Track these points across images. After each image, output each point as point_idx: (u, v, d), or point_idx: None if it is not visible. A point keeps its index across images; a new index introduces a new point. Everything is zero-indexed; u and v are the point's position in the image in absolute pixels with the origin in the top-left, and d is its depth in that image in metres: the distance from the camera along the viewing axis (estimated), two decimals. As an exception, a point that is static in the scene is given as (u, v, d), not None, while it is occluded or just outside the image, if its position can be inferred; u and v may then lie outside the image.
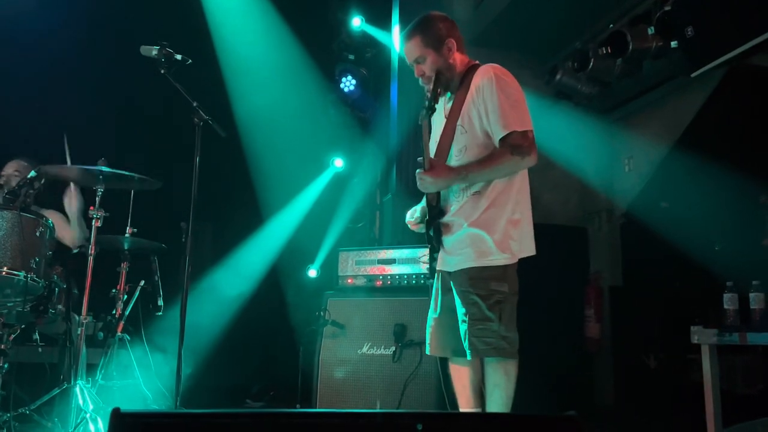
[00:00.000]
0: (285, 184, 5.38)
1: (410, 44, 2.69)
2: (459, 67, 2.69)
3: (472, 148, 2.60)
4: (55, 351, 3.57)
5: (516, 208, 2.60)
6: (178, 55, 3.45)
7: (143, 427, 1.25)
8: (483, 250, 2.54)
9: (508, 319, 2.53)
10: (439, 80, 2.61)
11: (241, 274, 5.08)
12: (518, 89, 2.60)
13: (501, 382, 2.54)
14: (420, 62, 2.68)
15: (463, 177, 2.56)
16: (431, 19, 2.72)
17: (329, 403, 3.85)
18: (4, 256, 3.01)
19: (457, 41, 2.69)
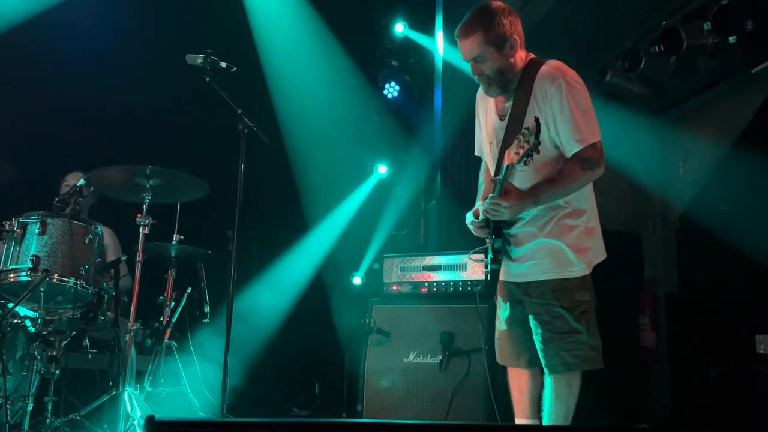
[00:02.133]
0: (329, 191, 5.36)
1: (470, 41, 2.45)
2: (522, 64, 2.50)
3: (537, 158, 2.38)
4: (104, 357, 3.62)
5: (590, 216, 2.53)
6: (222, 63, 3.49)
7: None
8: (562, 261, 2.46)
9: (594, 328, 2.47)
10: (499, 81, 2.47)
11: (287, 281, 5.08)
12: (587, 94, 2.46)
13: (563, 394, 2.45)
14: (479, 61, 2.47)
15: (534, 201, 2.41)
16: (494, 13, 2.46)
17: (376, 413, 3.79)
18: (55, 263, 3.07)
19: (520, 37, 2.49)
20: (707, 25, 4.23)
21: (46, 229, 3.06)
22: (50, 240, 3.06)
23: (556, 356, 2.43)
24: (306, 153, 5.32)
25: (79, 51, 4.56)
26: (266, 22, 5.39)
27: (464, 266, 4.00)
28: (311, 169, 5.30)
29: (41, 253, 3.02)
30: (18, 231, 3.05)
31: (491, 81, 2.50)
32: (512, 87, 2.52)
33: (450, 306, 3.89)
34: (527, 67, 2.50)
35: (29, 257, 2.99)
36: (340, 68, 5.51)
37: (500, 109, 2.60)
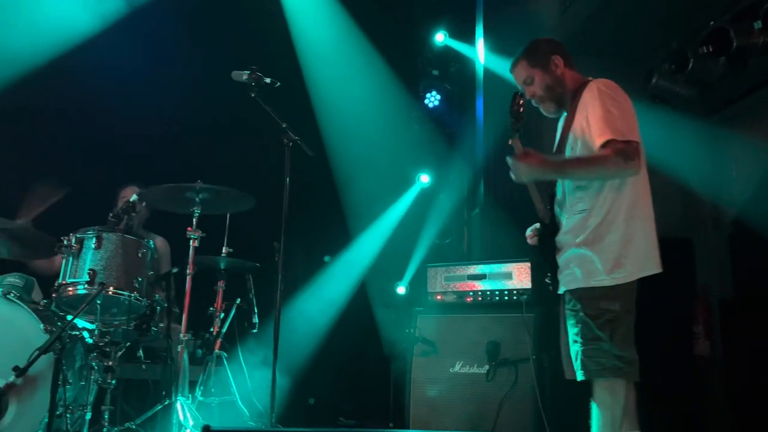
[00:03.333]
0: (372, 202, 5.39)
1: (517, 69, 2.79)
2: (570, 83, 2.71)
3: None
4: (158, 368, 3.71)
5: (629, 226, 2.51)
6: (267, 79, 3.56)
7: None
8: (590, 271, 2.50)
9: (621, 339, 2.45)
10: (550, 96, 2.69)
11: (332, 291, 5.13)
12: (622, 101, 2.56)
13: (607, 402, 2.45)
14: (529, 83, 2.74)
15: (559, 169, 2.55)
16: (534, 42, 2.81)
17: (423, 423, 3.78)
18: (110, 276, 3.17)
19: (563, 57, 2.74)
20: (758, 24, 4.10)
21: (102, 243, 3.17)
22: (105, 254, 3.17)
23: (579, 362, 2.49)
24: (349, 164, 5.37)
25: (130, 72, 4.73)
26: (308, 37, 5.48)
27: (509, 275, 3.97)
28: (354, 179, 5.35)
29: (97, 267, 3.13)
30: (75, 246, 3.17)
31: (543, 98, 2.74)
32: (566, 103, 2.72)
33: (495, 315, 3.86)
34: (579, 87, 2.67)
35: (86, 271, 3.10)
36: (380, 79, 5.56)
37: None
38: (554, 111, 2.77)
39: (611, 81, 2.63)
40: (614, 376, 2.44)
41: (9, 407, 2.81)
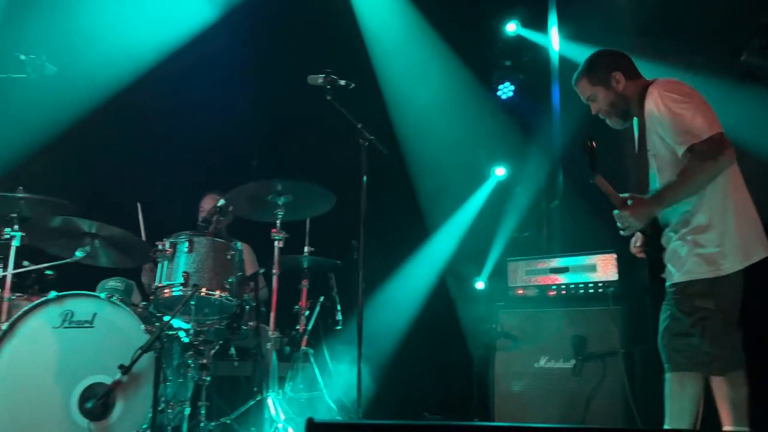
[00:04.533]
0: (448, 197, 5.38)
1: (579, 87, 2.86)
2: (632, 94, 2.74)
3: (664, 169, 2.62)
4: (248, 365, 3.87)
5: (725, 218, 2.51)
6: (341, 81, 3.63)
7: (333, 437, 1.29)
8: (686, 266, 2.53)
9: (712, 336, 2.46)
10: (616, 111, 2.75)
11: (412, 287, 5.16)
12: (688, 97, 2.55)
13: (675, 393, 2.50)
14: (593, 100, 2.81)
15: (660, 203, 2.56)
16: (594, 58, 2.85)
17: (508, 418, 3.76)
18: (202, 278, 3.32)
19: (624, 71, 2.77)
20: None
21: (193, 247, 3.33)
22: (197, 257, 3.32)
23: (667, 354, 2.53)
24: (423, 160, 5.38)
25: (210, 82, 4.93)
26: (378, 35, 5.52)
27: (593, 267, 3.88)
28: (429, 175, 5.35)
29: (190, 270, 3.28)
30: (169, 250, 3.34)
31: (609, 114, 2.80)
32: (633, 114, 2.77)
33: (580, 309, 3.79)
34: (642, 93, 2.69)
35: (180, 274, 3.26)
36: (451, 73, 5.53)
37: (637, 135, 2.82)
38: (620, 124, 2.82)
39: (670, 79, 2.65)
40: (701, 371, 2.49)
41: (117, 403, 3.00)
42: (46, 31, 4.05)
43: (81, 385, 3.01)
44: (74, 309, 3.12)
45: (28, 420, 2.99)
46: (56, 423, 2.99)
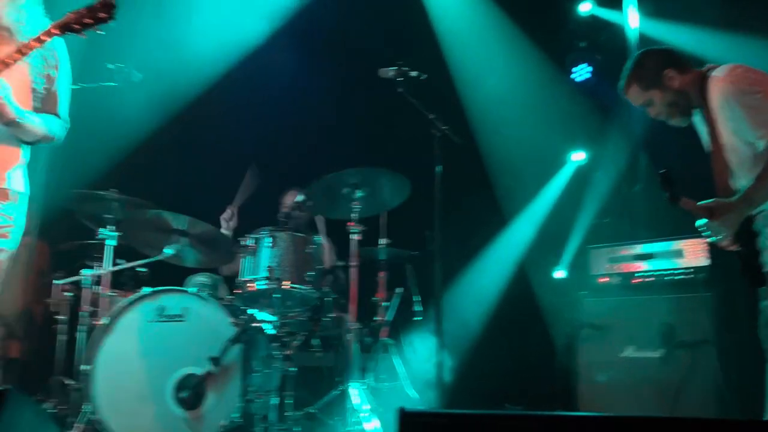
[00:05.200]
0: (525, 184, 5.29)
1: (630, 95, 2.71)
2: (691, 87, 2.61)
3: (743, 165, 2.50)
4: (331, 356, 3.95)
5: None
6: (413, 72, 3.63)
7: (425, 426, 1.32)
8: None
9: None
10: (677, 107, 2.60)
11: (491, 277, 5.12)
12: (759, 86, 2.41)
13: None
14: (649, 105, 2.67)
15: (749, 205, 2.44)
16: (638, 61, 2.69)
17: (594, 408, 3.68)
18: (284, 271, 3.42)
19: (674, 66, 2.62)
20: None
21: (276, 242, 3.43)
22: (279, 252, 3.42)
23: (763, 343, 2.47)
24: (498, 148, 5.30)
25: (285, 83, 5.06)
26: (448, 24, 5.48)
27: (680, 253, 3.73)
28: (505, 163, 5.27)
29: (273, 264, 3.39)
30: (253, 246, 3.46)
31: (670, 114, 2.65)
32: (695, 107, 2.63)
33: (667, 296, 3.65)
34: (701, 84, 2.55)
35: (264, 268, 3.37)
36: (524, 57, 5.41)
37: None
38: (684, 122, 2.68)
39: (734, 66, 2.48)
40: None
41: (208, 393, 3.14)
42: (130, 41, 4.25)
43: (175, 376, 3.17)
44: (167, 304, 3.29)
45: (128, 408, 3.18)
46: (154, 411, 3.17)
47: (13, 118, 2.47)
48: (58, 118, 2.70)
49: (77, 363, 3.63)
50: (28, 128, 2.56)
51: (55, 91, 2.69)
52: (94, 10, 2.42)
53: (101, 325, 3.29)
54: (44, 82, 2.65)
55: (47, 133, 2.63)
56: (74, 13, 2.44)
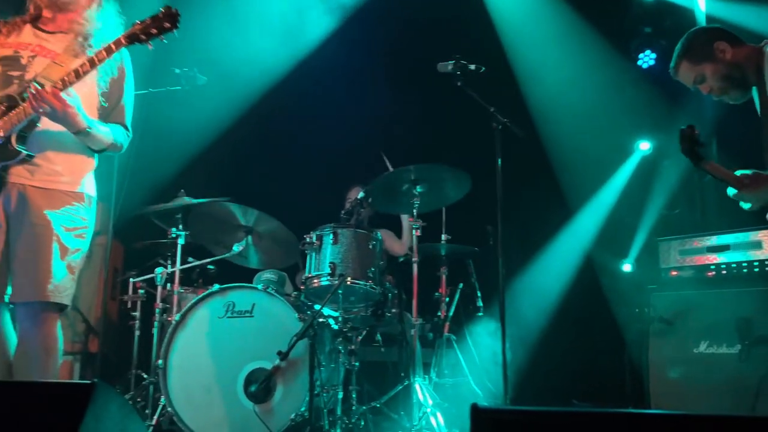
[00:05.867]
0: (589, 176, 5.15)
1: (681, 73, 2.70)
2: (746, 60, 2.55)
3: None
4: (394, 350, 3.98)
5: None
6: (471, 66, 3.60)
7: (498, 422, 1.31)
8: None
9: None
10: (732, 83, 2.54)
11: (555, 271, 5.02)
12: None
13: None
14: (701, 81, 2.65)
15: None
16: (689, 39, 2.68)
17: (666, 406, 3.56)
18: (347, 268, 3.46)
19: (727, 39, 2.59)
20: None
21: (338, 238, 3.47)
22: (342, 248, 3.46)
23: None
24: (561, 139, 5.18)
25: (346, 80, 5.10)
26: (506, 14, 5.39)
27: (758, 244, 3.56)
28: (569, 154, 5.15)
29: (336, 260, 3.43)
30: (316, 242, 3.51)
31: (724, 89, 2.60)
32: (751, 83, 2.56)
33: (744, 290, 3.49)
34: (758, 59, 2.49)
35: (327, 264, 3.42)
36: (586, 45, 5.27)
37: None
38: (741, 97, 2.62)
39: None
40: None
41: (277, 387, 3.22)
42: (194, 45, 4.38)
43: (245, 370, 3.26)
44: (235, 300, 3.37)
45: (200, 401, 3.29)
46: (225, 404, 3.26)
47: (84, 127, 2.58)
48: (123, 128, 2.81)
49: (152, 358, 3.80)
50: (97, 137, 2.66)
51: (122, 103, 2.80)
52: (159, 20, 2.50)
53: (174, 322, 3.42)
54: (111, 93, 2.75)
55: (114, 143, 2.74)
56: (140, 23, 2.52)
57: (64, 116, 2.50)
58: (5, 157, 2.53)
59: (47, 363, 2.57)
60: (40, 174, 2.59)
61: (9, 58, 2.64)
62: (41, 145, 2.59)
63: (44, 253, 2.53)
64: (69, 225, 2.61)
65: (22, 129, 2.53)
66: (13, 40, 2.68)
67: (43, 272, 2.52)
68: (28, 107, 2.48)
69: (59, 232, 2.58)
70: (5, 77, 2.61)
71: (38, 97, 2.44)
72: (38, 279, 2.51)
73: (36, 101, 2.44)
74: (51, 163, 2.62)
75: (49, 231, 2.56)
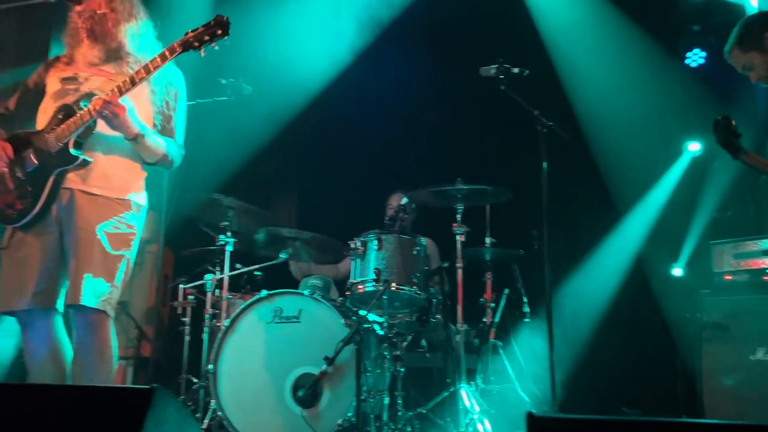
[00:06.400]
0: (637, 178, 5.04)
1: (732, 57, 2.80)
2: None
3: None
4: (439, 356, 3.97)
5: None
6: (515, 69, 3.58)
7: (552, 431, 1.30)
8: None
9: None
10: None
11: (603, 275, 4.92)
12: None
13: None
14: (750, 68, 2.74)
15: None
16: (743, 24, 2.76)
17: (721, 415, 3.45)
18: (392, 273, 3.46)
19: None
20: None
21: (382, 245, 3.48)
22: (386, 254, 3.47)
23: None
24: (608, 141, 5.08)
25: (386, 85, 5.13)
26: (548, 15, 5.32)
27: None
28: (616, 156, 5.05)
29: (380, 266, 3.44)
30: (360, 248, 3.54)
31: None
32: None
33: (804, 294, 3.36)
34: None
35: (372, 270, 3.44)
36: (632, 45, 5.16)
37: None
38: None
39: None
40: None
41: (324, 392, 3.25)
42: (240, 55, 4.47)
43: (292, 375, 3.30)
44: (283, 306, 3.43)
45: (250, 405, 3.35)
46: (273, 409, 3.31)
47: (137, 132, 2.65)
48: (176, 145, 2.88)
49: (202, 362, 3.88)
50: (151, 146, 2.73)
51: (175, 121, 2.88)
52: (211, 28, 2.58)
53: (223, 327, 3.49)
54: (165, 113, 2.84)
55: (167, 154, 2.80)
56: (193, 31, 2.60)
57: (119, 120, 2.58)
58: (63, 163, 2.63)
59: (103, 367, 2.63)
60: (90, 180, 2.66)
61: (68, 78, 2.76)
62: (95, 152, 2.68)
63: (86, 260, 2.58)
64: (113, 232, 2.66)
65: (79, 135, 2.63)
66: (72, 67, 2.80)
67: (85, 278, 2.56)
68: (85, 114, 2.58)
69: (102, 239, 2.62)
70: (62, 90, 2.73)
71: (98, 102, 2.53)
72: (79, 285, 2.56)
73: (95, 105, 2.54)
74: (102, 170, 2.69)
75: (92, 237, 2.60)
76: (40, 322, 2.65)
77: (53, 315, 2.67)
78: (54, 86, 2.76)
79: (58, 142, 2.62)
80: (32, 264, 2.62)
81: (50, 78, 2.80)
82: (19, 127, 2.82)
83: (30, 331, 2.68)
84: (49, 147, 2.64)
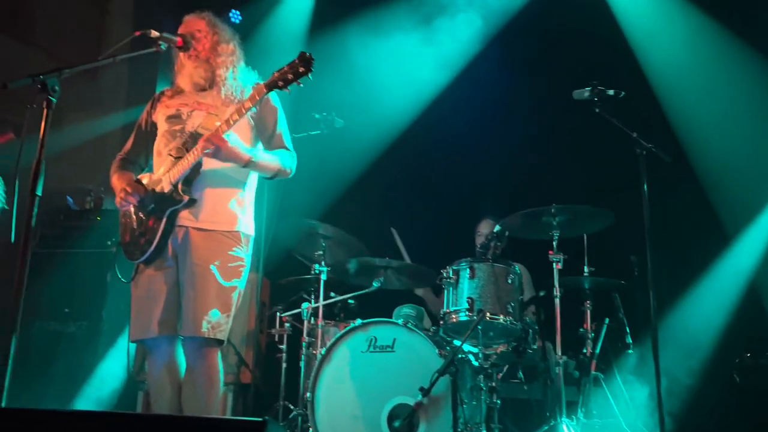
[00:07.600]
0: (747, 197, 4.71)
1: None
2: None
3: None
4: (537, 388, 3.84)
5: None
6: (610, 91, 3.49)
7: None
8: None
9: None
10: None
11: (712, 303, 4.60)
12: None
13: None
14: None
15: None
16: None
17: None
18: (486, 302, 3.41)
19: None
20: None
21: (475, 273, 3.44)
22: (479, 282, 3.42)
23: None
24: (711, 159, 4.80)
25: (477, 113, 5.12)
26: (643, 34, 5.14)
27: None
28: (722, 176, 4.76)
29: (474, 295, 3.40)
30: (453, 277, 3.51)
31: None
32: None
33: None
34: None
35: (465, 299, 3.39)
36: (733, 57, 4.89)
37: None
38: None
39: None
40: None
41: (420, 423, 3.21)
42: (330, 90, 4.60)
43: (388, 405, 3.29)
44: (377, 335, 3.44)
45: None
46: (370, 438, 3.31)
47: (248, 158, 2.80)
48: (287, 151, 2.99)
49: (299, 389, 3.95)
50: (264, 165, 2.88)
51: (278, 130, 3.00)
52: (295, 66, 2.68)
53: (319, 356, 3.54)
54: (263, 127, 2.97)
55: (282, 166, 2.93)
56: (278, 71, 2.71)
57: (227, 153, 2.73)
58: (175, 203, 2.80)
59: (210, 392, 2.78)
60: (201, 216, 2.83)
61: (172, 116, 2.95)
62: (203, 188, 2.84)
63: (202, 293, 2.75)
64: (225, 265, 2.81)
65: (188, 175, 2.80)
66: (176, 101, 2.99)
67: (201, 311, 2.73)
68: (191, 156, 2.75)
69: (216, 273, 2.78)
70: (171, 132, 2.91)
71: (205, 141, 2.70)
72: (196, 317, 2.73)
73: (200, 148, 2.71)
74: (212, 205, 2.84)
75: (207, 272, 2.77)
76: (164, 347, 2.86)
77: (175, 340, 2.87)
78: (162, 126, 2.96)
79: (171, 183, 2.80)
80: (157, 296, 2.81)
81: (157, 115, 3.00)
82: (137, 168, 3.07)
83: (155, 355, 2.88)
84: (163, 188, 2.83)
